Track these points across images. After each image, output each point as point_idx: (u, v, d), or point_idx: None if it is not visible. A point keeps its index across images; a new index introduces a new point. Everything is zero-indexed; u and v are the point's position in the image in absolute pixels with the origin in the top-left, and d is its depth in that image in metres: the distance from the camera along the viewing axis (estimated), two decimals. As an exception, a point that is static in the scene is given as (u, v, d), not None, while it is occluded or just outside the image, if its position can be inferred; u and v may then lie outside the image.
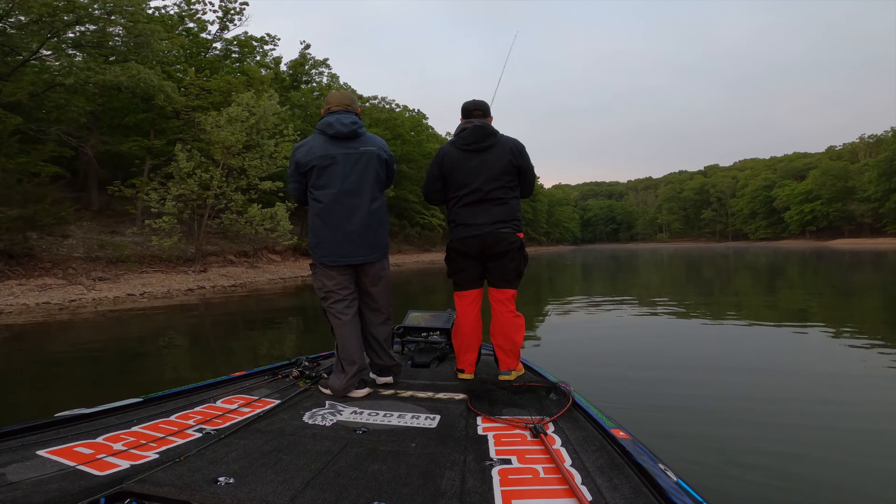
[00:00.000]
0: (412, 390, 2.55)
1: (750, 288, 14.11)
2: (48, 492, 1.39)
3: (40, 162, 14.04)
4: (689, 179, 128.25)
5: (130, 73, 15.08)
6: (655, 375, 4.59)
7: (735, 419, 3.42)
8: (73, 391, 4.51)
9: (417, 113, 45.98)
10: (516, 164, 2.75)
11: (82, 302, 10.95)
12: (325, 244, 2.56)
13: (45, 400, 4.27)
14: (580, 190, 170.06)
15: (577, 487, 1.41)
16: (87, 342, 7.11)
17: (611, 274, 21.83)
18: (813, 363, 4.99)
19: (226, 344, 7.00)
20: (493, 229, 2.69)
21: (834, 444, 2.97)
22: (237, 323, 9.05)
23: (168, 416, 2.12)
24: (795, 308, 9.29)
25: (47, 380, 4.98)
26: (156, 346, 6.69)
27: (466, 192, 2.73)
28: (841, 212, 73.13)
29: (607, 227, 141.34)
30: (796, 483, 2.51)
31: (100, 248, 16.06)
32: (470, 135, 2.75)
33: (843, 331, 6.67)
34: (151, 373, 5.17)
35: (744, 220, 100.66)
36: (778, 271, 20.36)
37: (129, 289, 12.88)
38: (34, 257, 13.93)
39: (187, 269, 17.43)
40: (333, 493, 1.42)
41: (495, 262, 2.75)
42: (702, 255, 39.10)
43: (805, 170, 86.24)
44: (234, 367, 3.07)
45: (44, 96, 16.30)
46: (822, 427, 3.23)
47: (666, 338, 6.61)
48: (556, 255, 49.17)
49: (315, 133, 2.69)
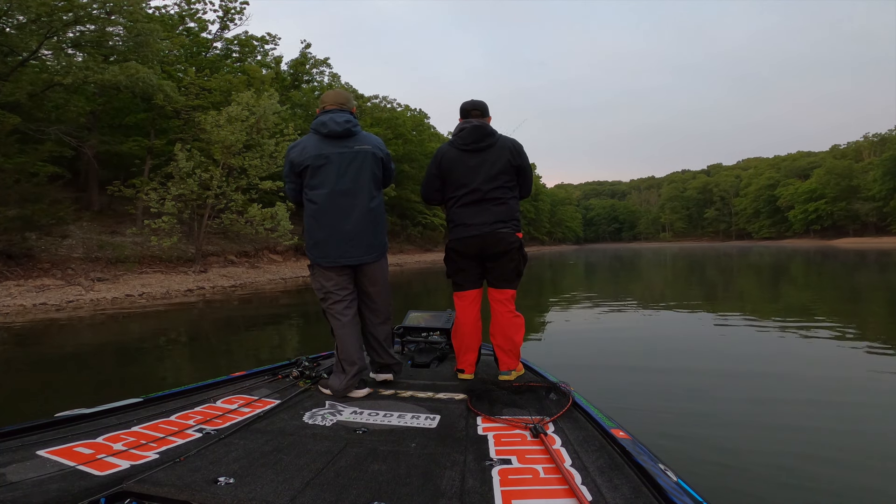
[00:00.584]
0: (412, 390, 2.55)
1: (760, 288, 13.93)
2: (48, 492, 1.39)
3: (39, 162, 13.94)
4: (692, 178, 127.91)
5: (129, 72, 14.98)
6: (657, 376, 4.56)
7: (735, 420, 3.41)
8: (64, 395, 4.38)
9: (419, 112, 45.87)
10: (515, 163, 2.74)
11: (80, 303, 10.84)
12: (321, 245, 2.53)
13: (35, 403, 4.16)
14: (583, 189, 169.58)
15: (577, 487, 1.41)
16: (81, 344, 6.98)
17: (614, 274, 21.65)
18: (816, 364, 4.94)
19: (223, 345, 6.87)
20: (493, 229, 2.68)
21: (834, 445, 2.96)
22: (236, 323, 8.93)
23: (168, 416, 2.12)
24: (801, 307, 9.12)
25: (38, 383, 4.85)
26: (150, 348, 6.56)
27: (465, 192, 2.72)
28: (845, 211, 72.75)
29: (610, 226, 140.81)
30: (796, 483, 2.51)
31: (99, 248, 15.96)
32: (469, 134, 2.74)
33: (849, 332, 6.53)
34: (145, 376, 5.04)
35: (747, 220, 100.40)
36: (784, 270, 20.16)
37: (127, 289, 12.77)
38: (33, 258, 13.84)
39: (187, 270, 17.33)
40: (333, 493, 1.42)
41: (494, 262, 2.75)
42: (706, 255, 38.86)
43: (809, 169, 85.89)
44: (231, 370, 2.99)
45: (43, 96, 16.23)
46: (823, 428, 3.22)
47: (675, 340, 6.48)
48: (559, 255, 48.98)
49: (310, 132, 2.65)
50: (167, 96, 17.57)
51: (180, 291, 13.38)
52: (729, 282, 16.00)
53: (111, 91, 17.77)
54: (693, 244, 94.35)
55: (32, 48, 15.70)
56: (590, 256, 43.44)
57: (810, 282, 15.46)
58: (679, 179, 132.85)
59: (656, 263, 28.84)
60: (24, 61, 15.80)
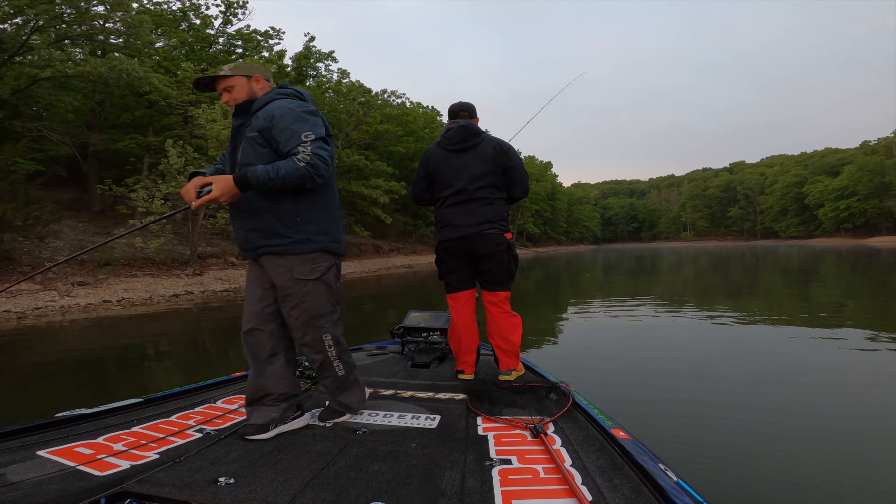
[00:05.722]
0: (412, 390, 2.54)
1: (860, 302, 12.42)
2: (48, 492, 1.39)
3: (16, 159, 13.10)
4: (713, 176, 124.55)
5: (111, 63, 14.08)
6: (662, 380, 4.52)
7: (737, 421, 3.41)
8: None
9: (431, 109, 44.74)
10: (500, 163, 2.70)
11: (47, 310, 9.91)
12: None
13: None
14: (600, 188, 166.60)
15: (578, 487, 1.42)
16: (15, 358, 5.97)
17: (640, 284, 20.18)
18: (826, 367, 4.88)
19: (194, 359, 5.80)
20: (479, 230, 2.66)
21: (834, 446, 2.99)
22: (217, 332, 7.87)
23: (168, 417, 2.11)
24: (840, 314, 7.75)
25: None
26: (92, 363, 5.51)
27: (451, 193, 2.72)
28: (878, 208, 69.59)
29: (629, 226, 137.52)
30: (796, 483, 2.53)
31: (89, 251, 15.13)
32: (454, 135, 2.74)
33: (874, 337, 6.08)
34: (55, 400, 3.96)
35: (773, 218, 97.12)
36: (851, 272, 18.44)
37: (107, 294, 11.84)
38: (13, 260, 13.04)
39: (180, 273, 16.42)
40: (333, 493, 1.43)
41: (485, 264, 2.71)
42: (731, 255, 36.94)
43: (838, 165, 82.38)
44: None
45: (28, 92, 15.49)
46: (824, 429, 3.23)
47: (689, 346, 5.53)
48: (575, 256, 47.38)
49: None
50: (157, 89, 16.66)
51: (165, 297, 12.41)
52: (793, 290, 14.47)
53: (100, 86, 16.98)
54: (716, 244, 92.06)
55: (21, 41, 15.00)
56: (609, 258, 41.72)
57: (873, 284, 13.80)
58: (700, 177, 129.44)
59: (696, 270, 27.14)
60: (9, 58, 15.06)
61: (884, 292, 11.22)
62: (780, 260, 27.91)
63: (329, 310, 1.98)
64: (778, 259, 28.98)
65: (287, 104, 1.90)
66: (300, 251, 1.91)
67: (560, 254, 54.66)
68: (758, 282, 15.56)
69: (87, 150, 20.45)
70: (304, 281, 1.91)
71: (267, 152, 1.88)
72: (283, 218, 1.89)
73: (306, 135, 1.81)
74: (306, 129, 1.82)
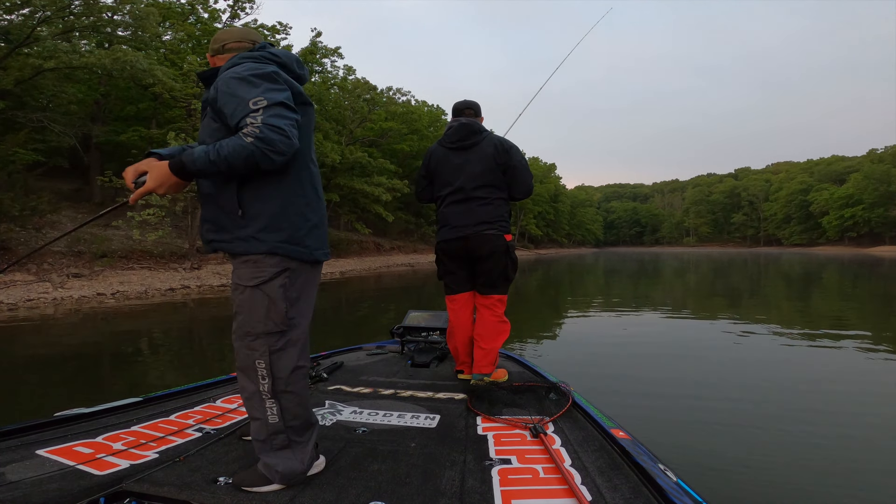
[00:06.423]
0: (412, 390, 2.53)
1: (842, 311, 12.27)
2: (48, 491, 1.38)
3: (17, 149, 13.02)
4: (718, 182, 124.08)
5: (115, 55, 13.98)
6: (662, 382, 4.51)
7: (736, 421, 3.42)
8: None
9: (436, 108, 44.56)
10: (500, 161, 2.64)
11: (39, 302, 9.82)
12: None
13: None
14: (603, 191, 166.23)
15: (577, 487, 1.42)
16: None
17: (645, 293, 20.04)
18: (824, 373, 4.92)
19: (183, 356, 5.70)
20: (477, 231, 2.61)
21: (835, 447, 2.99)
22: (207, 328, 7.77)
23: (168, 416, 2.09)
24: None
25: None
26: (77, 359, 5.41)
27: (450, 192, 2.68)
28: (883, 217, 69.23)
29: (631, 229, 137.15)
30: (796, 484, 2.53)
31: (84, 242, 15.05)
32: (455, 132, 2.71)
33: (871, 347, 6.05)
34: (31, 400, 3.86)
35: (777, 225, 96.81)
36: (847, 289, 18.27)
37: (102, 287, 11.75)
38: (8, 250, 12.97)
39: (178, 267, 16.34)
40: (333, 492, 1.43)
41: (482, 265, 2.67)
42: (734, 261, 36.71)
43: (845, 173, 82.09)
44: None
45: (33, 83, 15.41)
46: (824, 432, 3.24)
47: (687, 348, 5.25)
48: (577, 259, 47.21)
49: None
50: (160, 81, 16.57)
51: (161, 291, 12.32)
52: (798, 301, 14.31)
53: (105, 77, 16.89)
54: (719, 250, 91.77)
55: (26, 32, 14.92)
56: (611, 262, 41.54)
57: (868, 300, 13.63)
58: (704, 183, 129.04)
59: (694, 274, 26.97)
60: (14, 48, 14.98)
61: (885, 302, 11.06)
62: (783, 267, 27.72)
63: (268, 329, 1.53)
64: (780, 266, 28.78)
65: (236, 69, 1.51)
66: (241, 251, 1.53)
67: (562, 256, 54.50)
68: (760, 289, 15.47)
69: (89, 142, 20.39)
70: (240, 287, 1.54)
71: (219, 128, 1.53)
72: (226, 208, 1.53)
73: (255, 101, 1.41)
74: (255, 95, 1.42)
